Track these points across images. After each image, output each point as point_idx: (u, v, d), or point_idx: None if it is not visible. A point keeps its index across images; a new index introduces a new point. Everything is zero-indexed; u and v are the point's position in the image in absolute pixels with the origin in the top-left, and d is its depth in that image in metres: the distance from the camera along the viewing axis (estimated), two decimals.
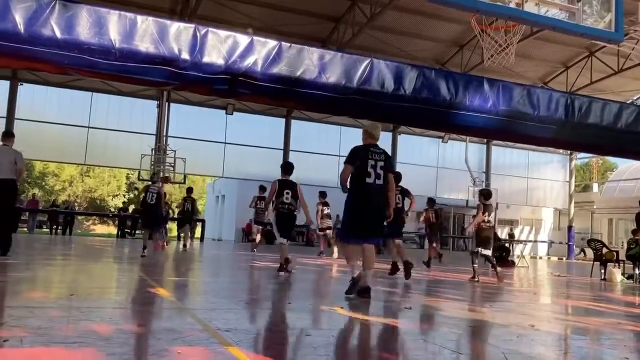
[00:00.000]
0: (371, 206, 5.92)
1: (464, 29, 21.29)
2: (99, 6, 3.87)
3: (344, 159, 6.23)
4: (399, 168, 29.28)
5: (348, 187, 6.02)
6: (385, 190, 6.01)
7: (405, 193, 9.82)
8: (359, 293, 5.78)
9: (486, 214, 9.65)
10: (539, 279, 12.53)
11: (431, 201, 14.85)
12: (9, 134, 8.67)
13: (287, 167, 8.06)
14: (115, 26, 3.84)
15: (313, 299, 5.78)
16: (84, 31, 3.73)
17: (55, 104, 23.86)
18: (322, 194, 15.30)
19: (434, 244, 14.23)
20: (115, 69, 3.85)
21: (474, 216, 9.54)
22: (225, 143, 26.29)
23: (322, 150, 27.09)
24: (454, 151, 30.24)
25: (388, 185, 6.03)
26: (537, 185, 32.96)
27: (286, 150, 26.55)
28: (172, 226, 25.63)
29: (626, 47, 20.38)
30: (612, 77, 25.02)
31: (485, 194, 9.83)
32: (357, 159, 5.96)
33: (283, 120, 27.20)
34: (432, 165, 30.28)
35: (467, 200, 29.38)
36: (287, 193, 8.01)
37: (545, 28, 5.36)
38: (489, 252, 9.80)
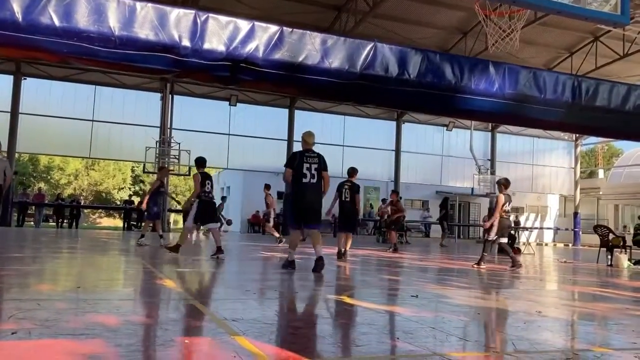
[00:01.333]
0: (307, 200, 7.41)
1: (468, 16, 21.13)
2: None
3: (348, 149, 7.47)
4: (403, 157, 29.38)
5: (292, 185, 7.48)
6: (320, 186, 7.46)
7: (354, 189, 10.53)
8: (316, 262, 7.39)
9: (506, 203, 9.61)
10: (545, 265, 12.51)
11: (394, 193, 16.09)
12: None
13: (202, 162, 9.82)
14: (114, 13, 3.81)
15: (320, 288, 5.78)
16: (82, 19, 3.70)
17: (59, 98, 23.87)
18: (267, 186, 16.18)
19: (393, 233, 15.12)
20: (115, 57, 3.82)
21: (492, 208, 9.72)
22: (229, 135, 26.28)
23: (326, 141, 27.02)
24: (459, 139, 30.13)
25: (322, 180, 7.46)
26: (542, 172, 32.84)
27: (290, 140, 26.52)
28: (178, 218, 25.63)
29: (632, 31, 20.18)
30: (618, 62, 24.79)
31: (505, 183, 9.72)
32: (295, 162, 7.35)
33: (287, 110, 27.15)
34: (437, 153, 30.18)
35: (472, 189, 29.31)
36: (208, 183, 9.59)
37: (550, 12, 5.28)
38: (505, 241, 9.86)
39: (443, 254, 14.80)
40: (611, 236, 13.31)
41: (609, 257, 12.57)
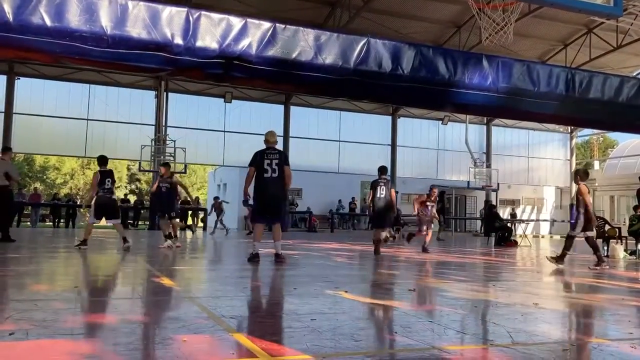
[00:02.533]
0: (269, 194, 7.85)
1: (462, 9, 21.13)
2: None
3: (344, 144, 7.61)
4: (399, 151, 29.39)
5: (252, 185, 7.97)
6: (282, 180, 7.85)
7: (389, 186, 11.02)
8: (276, 257, 7.90)
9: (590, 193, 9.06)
10: (542, 257, 12.55)
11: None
12: (5, 149, 11.31)
13: (103, 160, 10.37)
14: (106, 12, 3.80)
15: (318, 284, 5.79)
16: (74, 18, 3.69)
17: (53, 97, 23.80)
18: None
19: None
20: (108, 56, 3.81)
21: (578, 200, 8.85)
22: (224, 131, 26.26)
23: (322, 136, 27.04)
24: (454, 133, 30.18)
25: (283, 175, 7.86)
26: (538, 165, 32.94)
27: (286, 136, 26.50)
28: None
29: (625, 22, 20.23)
30: (611, 53, 24.87)
31: (583, 174, 9.15)
32: (256, 160, 7.88)
33: (282, 107, 27.12)
34: (432, 147, 30.22)
35: (469, 182, 29.37)
36: (108, 181, 10.07)
37: (543, 5, 5.30)
38: (594, 234, 9.40)
39: (441, 247, 14.84)
40: (607, 227, 13.37)
41: (605, 248, 12.62)
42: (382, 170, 11.19)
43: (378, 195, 10.70)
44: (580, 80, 5.35)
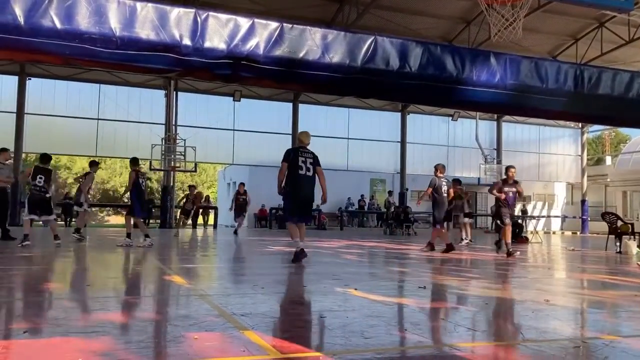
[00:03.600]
0: (305, 192, 7.73)
1: (471, 5, 20.99)
2: None
3: (353, 141, 7.67)
4: (409, 148, 29.33)
5: (283, 184, 7.79)
6: (315, 179, 7.77)
7: (449, 184, 11.61)
8: (298, 253, 7.68)
9: None
10: (553, 254, 12.48)
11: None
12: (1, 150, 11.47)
13: (42, 157, 10.62)
14: (115, 14, 3.83)
15: (327, 282, 5.80)
16: (83, 21, 3.72)
17: (64, 97, 23.97)
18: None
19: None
20: (117, 58, 3.84)
21: None
22: (234, 130, 26.30)
23: (331, 134, 27.01)
24: (464, 129, 30.04)
25: (315, 175, 7.79)
26: (549, 161, 32.72)
27: (294, 134, 26.50)
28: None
29: (637, 16, 19.99)
30: (623, 47, 24.59)
31: None
32: (289, 157, 7.69)
33: (290, 104, 27.12)
34: (442, 144, 30.10)
35: (479, 179, 29.23)
36: (40, 177, 10.05)
37: (553, 0, 5.24)
38: None
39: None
40: (619, 223, 13.26)
41: (618, 244, 12.53)
42: (440, 168, 11.56)
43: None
44: (589, 76, 5.31)
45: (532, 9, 18.38)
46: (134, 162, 11.26)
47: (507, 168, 11.08)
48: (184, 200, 18.69)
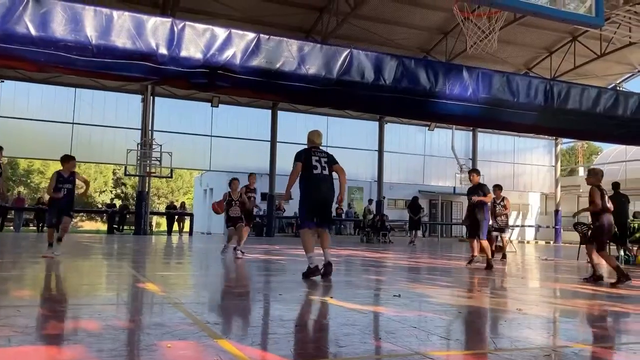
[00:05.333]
0: (322, 193, 6.96)
1: (448, 17, 21.29)
2: (73, 2, 3.83)
3: (331, 149, 7.34)
4: (386, 157, 29.54)
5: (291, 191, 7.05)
6: (332, 179, 7.04)
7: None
8: (327, 267, 6.91)
9: None
10: (527, 263, 12.66)
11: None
12: None
13: None
14: (91, 22, 3.81)
15: (303, 290, 5.81)
16: (59, 28, 3.69)
17: (38, 100, 23.61)
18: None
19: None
20: (92, 65, 3.82)
21: None
22: (211, 136, 26.17)
23: None
24: (441, 139, 30.36)
25: (332, 175, 7.04)
26: (523, 171, 33.22)
27: (273, 141, 26.49)
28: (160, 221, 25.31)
29: (608, 31, 20.47)
30: (596, 61, 25.18)
31: None
32: (302, 157, 6.90)
33: (269, 111, 27.11)
34: (419, 153, 30.38)
35: (455, 188, 29.55)
36: None
37: (527, 14, 5.39)
38: None
39: (426, 252, 14.92)
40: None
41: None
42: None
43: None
44: (558, 92, 5.46)
45: (508, 22, 18.71)
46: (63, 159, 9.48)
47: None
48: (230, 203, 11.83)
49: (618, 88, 27.74)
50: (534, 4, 4.81)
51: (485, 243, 9.79)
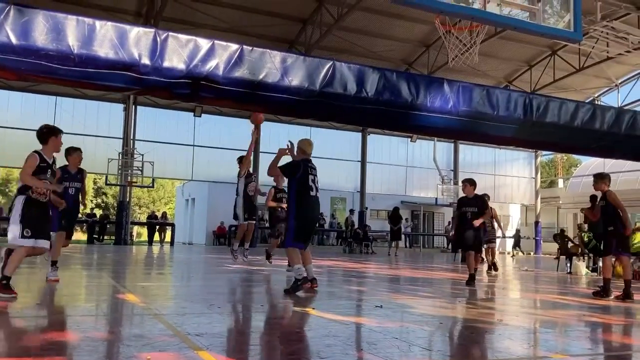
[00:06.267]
0: (315, 216, 7.11)
1: (430, 29, 21.55)
2: (56, 11, 3.82)
3: (314, 160, 7.18)
4: (368, 167, 29.65)
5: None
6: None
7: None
8: (313, 282, 6.99)
9: None
10: (508, 274, 12.77)
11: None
12: None
13: None
14: (73, 32, 3.80)
15: (285, 301, 5.79)
16: (41, 37, 3.68)
17: (18, 108, 23.33)
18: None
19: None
20: (74, 75, 3.80)
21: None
22: (193, 146, 26.05)
23: None
24: (423, 150, 30.59)
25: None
26: (504, 182, 33.56)
27: (256, 151, 26.45)
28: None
29: (587, 45, 20.90)
30: (574, 74, 25.65)
31: None
32: (298, 172, 6.78)
33: None
34: (401, 164, 30.55)
35: (436, 199, 29.73)
36: None
37: (508, 28, 5.48)
38: None
39: (409, 263, 14.96)
40: (570, 244, 13.69)
41: (568, 264, 12.92)
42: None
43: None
44: (537, 105, 5.56)
45: (489, 35, 18.99)
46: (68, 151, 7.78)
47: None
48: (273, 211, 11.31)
49: (596, 101, 28.27)
50: (514, 18, 4.89)
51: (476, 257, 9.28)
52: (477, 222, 9.02)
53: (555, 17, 5.10)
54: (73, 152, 7.75)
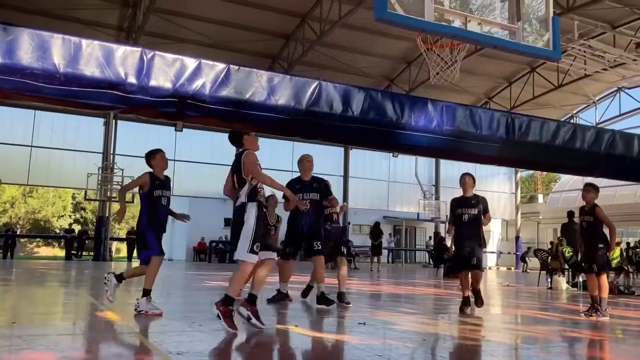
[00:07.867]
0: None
1: (412, 46, 21.80)
2: (41, 30, 3.80)
3: (296, 174, 7.53)
4: (351, 182, 29.73)
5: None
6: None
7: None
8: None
9: None
10: (489, 289, 12.84)
11: None
12: None
13: None
14: (59, 50, 3.78)
15: (268, 318, 5.75)
16: (26, 55, 3.65)
17: None
18: None
19: None
20: (60, 94, 3.78)
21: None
22: (175, 160, 25.86)
23: (275, 166, 27.04)
24: (405, 165, 30.79)
25: None
26: (484, 197, 33.86)
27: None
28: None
29: (565, 63, 21.31)
30: (553, 91, 26.12)
31: None
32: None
33: None
34: (383, 179, 30.69)
35: (418, 214, 29.89)
36: None
37: (488, 46, 5.58)
38: None
39: (391, 278, 14.97)
40: (550, 260, 13.82)
41: (549, 280, 13.04)
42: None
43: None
44: (519, 124, 5.67)
45: (470, 52, 19.28)
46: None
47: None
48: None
49: (574, 118, 28.77)
50: (494, 37, 4.98)
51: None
52: (486, 221, 7.55)
53: (534, 36, 5.20)
54: (154, 155, 7.08)
